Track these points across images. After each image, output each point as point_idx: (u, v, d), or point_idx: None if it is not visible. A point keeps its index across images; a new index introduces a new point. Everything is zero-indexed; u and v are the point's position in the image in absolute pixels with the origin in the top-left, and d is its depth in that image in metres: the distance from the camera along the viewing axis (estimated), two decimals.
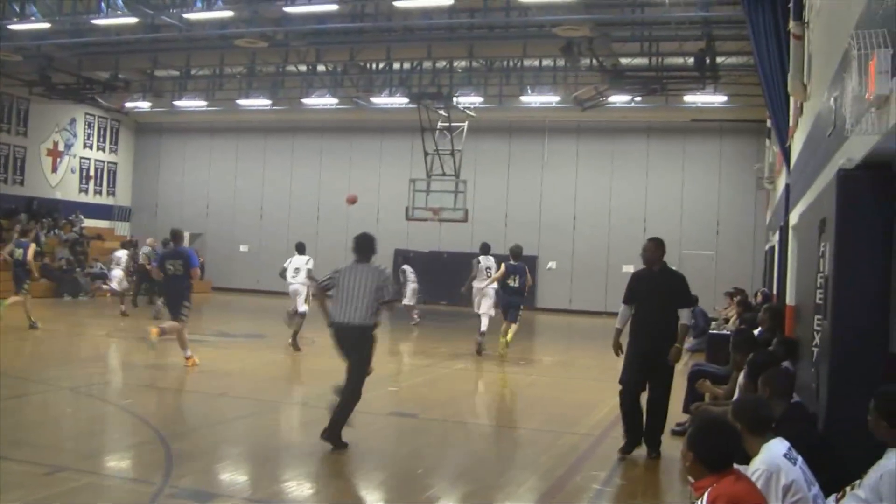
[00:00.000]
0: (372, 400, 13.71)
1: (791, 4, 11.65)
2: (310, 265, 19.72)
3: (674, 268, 11.07)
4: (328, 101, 34.92)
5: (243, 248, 39.79)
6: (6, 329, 19.10)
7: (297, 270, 19.65)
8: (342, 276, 10.09)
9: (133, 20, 25.22)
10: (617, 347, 10.73)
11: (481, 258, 20.72)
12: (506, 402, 15.06)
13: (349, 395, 10.01)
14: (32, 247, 20.93)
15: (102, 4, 24.78)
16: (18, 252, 20.37)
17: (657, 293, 10.25)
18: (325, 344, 20.65)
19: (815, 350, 7.37)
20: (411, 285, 27.21)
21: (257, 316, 28.85)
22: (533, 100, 32.52)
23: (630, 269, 33.85)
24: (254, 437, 10.94)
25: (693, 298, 10.71)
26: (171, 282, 16.01)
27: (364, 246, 10.36)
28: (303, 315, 19.21)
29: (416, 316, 26.84)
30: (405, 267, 27.88)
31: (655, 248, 10.41)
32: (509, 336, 19.16)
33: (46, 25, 26.15)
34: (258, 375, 16.10)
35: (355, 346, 10.07)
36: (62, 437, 10.44)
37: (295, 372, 17.58)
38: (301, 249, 20.21)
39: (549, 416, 13.22)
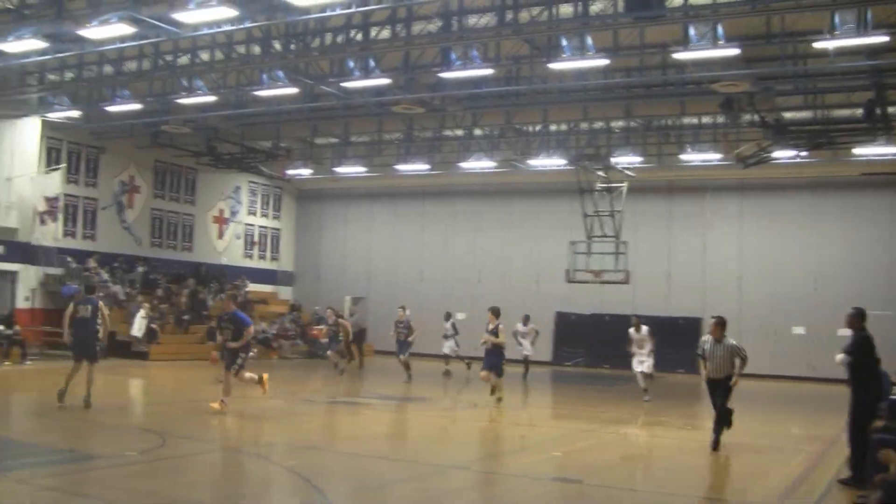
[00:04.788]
0: (535, 464, 13.51)
1: None
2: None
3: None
4: (485, 165, 35.08)
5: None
6: (179, 390, 19.69)
7: None
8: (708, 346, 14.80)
9: (293, 90, 26.01)
10: None
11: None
12: (673, 468, 14.55)
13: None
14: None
15: (264, 76, 25.67)
16: None
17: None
18: (487, 407, 20.52)
19: None
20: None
21: (417, 379, 28.89)
22: (693, 158, 31.85)
23: (800, 330, 32.77)
24: (415, 502, 10.83)
25: None
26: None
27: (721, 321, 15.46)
28: None
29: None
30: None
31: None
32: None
33: (212, 98, 27.35)
34: (419, 438, 16.07)
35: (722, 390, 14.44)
36: (227, 497, 10.60)
37: (456, 435, 17.48)
38: None
39: (717, 483, 12.73)
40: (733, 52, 20.70)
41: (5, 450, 12.85)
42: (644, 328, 22.88)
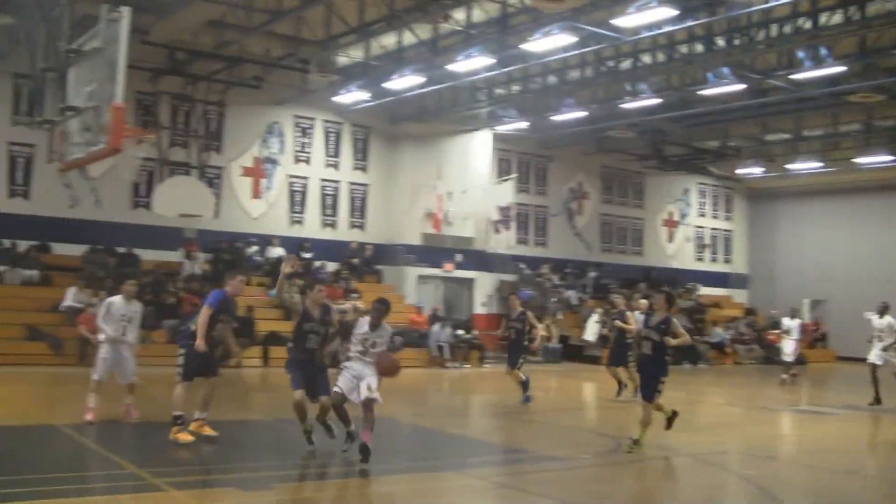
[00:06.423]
0: None
1: None
2: None
3: None
4: None
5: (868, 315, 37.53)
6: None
7: None
8: None
9: (740, 86, 25.30)
10: None
11: None
12: None
13: None
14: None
15: (709, 74, 25.19)
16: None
17: None
18: None
19: None
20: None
21: (890, 388, 26.87)
22: None
23: None
24: None
25: None
26: None
27: None
28: None
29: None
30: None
31: None
32: None
33: (656, 101, 27.41)
34: (893, 454, 14.87)
35: None
36: (687, 501, 10.59)
37: None
38: None
39: None
40: None
41: (464, 448, 13.53)
42: (888, 317, 17.12)
